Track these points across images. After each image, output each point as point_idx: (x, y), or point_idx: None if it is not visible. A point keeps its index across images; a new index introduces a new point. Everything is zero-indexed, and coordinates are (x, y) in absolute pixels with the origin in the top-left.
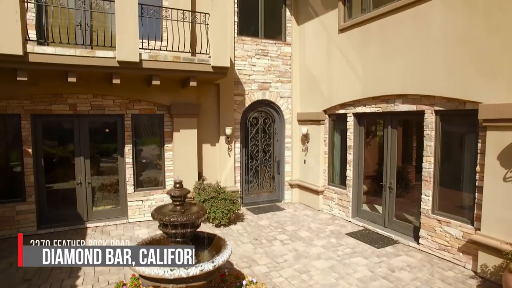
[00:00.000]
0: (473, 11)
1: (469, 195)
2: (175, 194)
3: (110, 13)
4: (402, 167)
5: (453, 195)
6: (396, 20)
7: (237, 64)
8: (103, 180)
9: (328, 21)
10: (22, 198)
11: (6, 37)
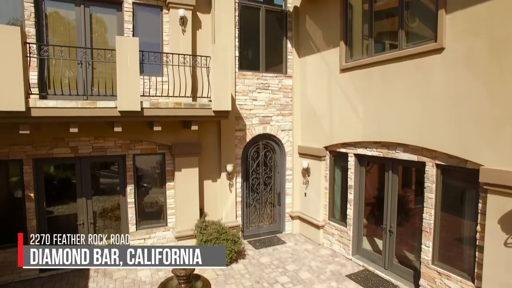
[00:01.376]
0: (474, 74)
1: (470, 252)
2: (180, 274)
3: (111, 62)
4: (404, 208)
5: (454, 249)
6: (397, 69)
7: (238, 99)
8: (105, 219)
9: (329, 58)
10: (24, 242)
11: (9, 93)
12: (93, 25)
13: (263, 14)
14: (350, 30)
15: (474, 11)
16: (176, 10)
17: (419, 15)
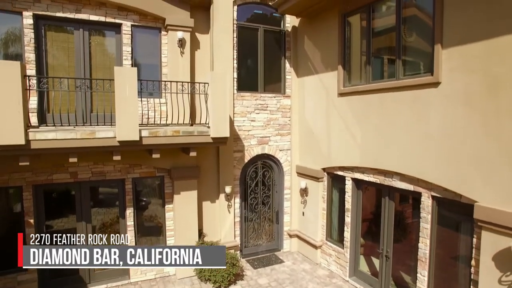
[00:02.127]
0: (471, 111)
1: (465, 285)
2: None
3: (110, 92)
4: (401, 224)
5: (449, 280)
6: (395, 98)
7: (236, 120)
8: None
9: (327, 80)
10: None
11: (9, 127)
12: (92, 47)
13: (261, 34)
14: (349, 55)
15: (470, 48)
16: (174, 32)
17: (416, 46)
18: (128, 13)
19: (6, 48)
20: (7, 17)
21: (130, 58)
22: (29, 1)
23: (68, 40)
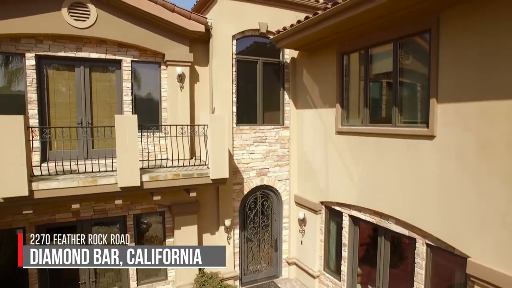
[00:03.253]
0: (463, 168)
1: None
2: None
3: (110, 138)
4: (396, 271)
5: None
6: (391, 144)
7: (235, 154)
8: (106, 277)
9: (326, 116)
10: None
11: (12, 180)
12: (93, 84)
13: (260, 66)
14: (347, 94)
15: (464, 107)
16: (174, 68)
17: (413, 95)
18: (128, 49)
19: (9, 88)
20: (10, 59)
21: (130, 94)
22: (31, 43)
23: (69, 77)
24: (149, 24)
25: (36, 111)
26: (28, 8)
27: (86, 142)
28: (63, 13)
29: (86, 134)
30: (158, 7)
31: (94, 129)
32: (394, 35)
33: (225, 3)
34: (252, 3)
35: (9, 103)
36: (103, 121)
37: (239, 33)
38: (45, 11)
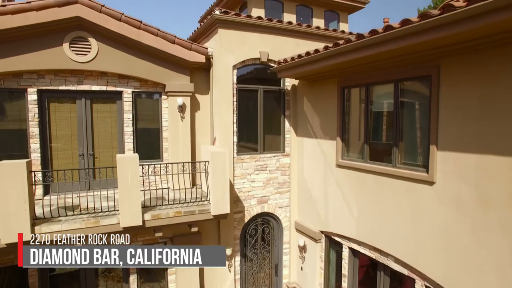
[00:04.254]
0: (462, 217)
1: None
2: None
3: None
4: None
5: None
6: (391, 184)
7: (236, 183)
8: None
9: (326, 147)
10: None
11: (15, 225)
12: (94, 115)
13: (261, 94)
14: (347, 127)
15: (463, 158)
16: (174, 98)
17: (414, 138)
18: (129, 81)
19: (11, 123)
20: (12, 95)
21: (131, 125)
22: (33, 78)
23: (71, 109)
24: (150, 55)
25: (38, 145)
26: (31, 44)
27: (88, 172)
28: (64, 48)
29: (88, 175)
30: (159, 40)
31: (95, 160)
32: (395, 77)
33: (226, 33)
34: (252, 32)
35: (11, 138)
36: (105, 152)
37: (239, 62)
38: (47, 47)
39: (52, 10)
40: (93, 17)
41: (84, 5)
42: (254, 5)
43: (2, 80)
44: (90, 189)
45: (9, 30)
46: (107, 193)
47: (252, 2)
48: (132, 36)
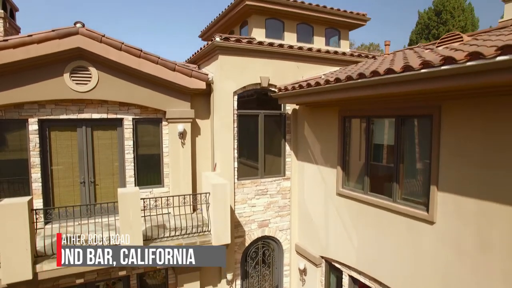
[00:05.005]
0: (463, 261)
1: None
2: None
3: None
4: None
5: None
6: (392, 219)
7: (237, 208)
8: None
9: (326, 174)
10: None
11: (17, 265)
12: (95, 142)
13: (261, 119)
14: (348, 156)
15: (465, 202)
16: (175, 124)
17: (414, 174)
18: (129, 108)
19: (12, 153)
20: (13, 125)
21: (132, 152)
22: (34, 108)
23: (71, 137)
24: (150, 83)
25: (39, 175)
26: (31, 76)
27: (89, 199)
28: (65, 79)
29: (90, 211)
30: (159, 67)
31: (96, 187)
32: (396, 112)
33: (226, 59)
34: (253, 57)
35: (12, 168)
36: (106, 178)
37: (240, 88)
38: (48, 77)
39: (53, 42)
40: (93, 48)
41: (84, 35)
42: (255, 25)
43: (3, 111)
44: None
45: (10, 64)
46: (108, 220)
47: (252, 22)
48: (133, 65)
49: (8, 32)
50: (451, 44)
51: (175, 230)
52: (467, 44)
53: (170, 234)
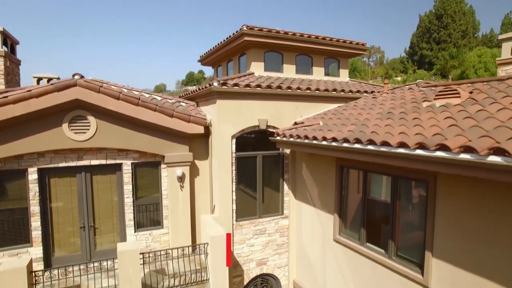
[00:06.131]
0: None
1: None
2: None
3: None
4: None
5: None
6: (387, 275)
7: (235, 248)
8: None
9: (324, 218)
10: None
11: None
12: (94, 187)
13: (260, 160)
14: (345, 205)
15: (459, 273)
16: (174, 168)
17: (409, 233)
18: (128, 153)
19: (11, 203)
20: (13, 175)
21: (131, 196)
22: (34, 158)
23: (71, 183)
24: (149, 128)
25: (39, 223)
26: (31, 127)
27: (88, 243)
28: (64, 129)
29: (90, 256)
30: (157, 114)
31: (96, 230)
32: (393, 172)
33: (224, 103)
34: (251, 100)
35: (12, 217)
36: (105, 222)
37: (238, 132)
38: (47, 128)
39: (52, 95)
40: (91, 98)
41: (82, 87)
42: (253, 59)
43: (3, 163)
44: (91, 259)
45: (10, 119)
46: (107, 265)
47: (251, 55)
48: (131, 113)
49: (8, 68)
50: (448, 99)
51: (174, 278)
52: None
53: (170, 284)
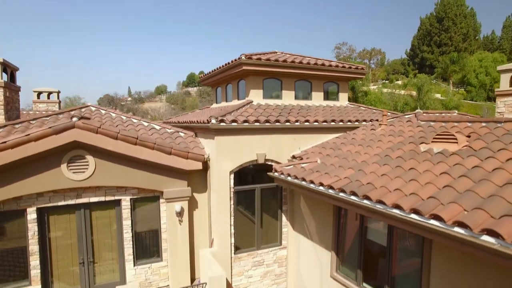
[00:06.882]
0: None
1: None
2: None
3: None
4: None
5: None
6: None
7: (234, 280)
8: None
9: (321, 253)
10: None
11: None
12: (93, 221)
13: (258, 193)
14: (343, 243)
15: None
16: (172, 203)
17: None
18: (127, 189)
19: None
20: (12, 216)
21: (130, 231)
22: (32, 197)
23: (70, 219)
24: (147, 165)
25: (38, 261)
26: (29, 169)
27: (88, 279)
28: (62, 169)
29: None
30: (155, 152)
31: (95, 265)
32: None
33: (222, 140)
34: (249, 135)
35: (11, 256)
36: (105, 256)
37: (236, 167)
38: (46, 169)
39: (50, 138)
40: (89, 139)
41: (80, 128)
42: (252, 87)
43: (1, 205)
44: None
45: (9, 164)
46: None
47: (250, 83)
48: (129, 152)
49: (8, 98)
50: (446, 144)
51: None
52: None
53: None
